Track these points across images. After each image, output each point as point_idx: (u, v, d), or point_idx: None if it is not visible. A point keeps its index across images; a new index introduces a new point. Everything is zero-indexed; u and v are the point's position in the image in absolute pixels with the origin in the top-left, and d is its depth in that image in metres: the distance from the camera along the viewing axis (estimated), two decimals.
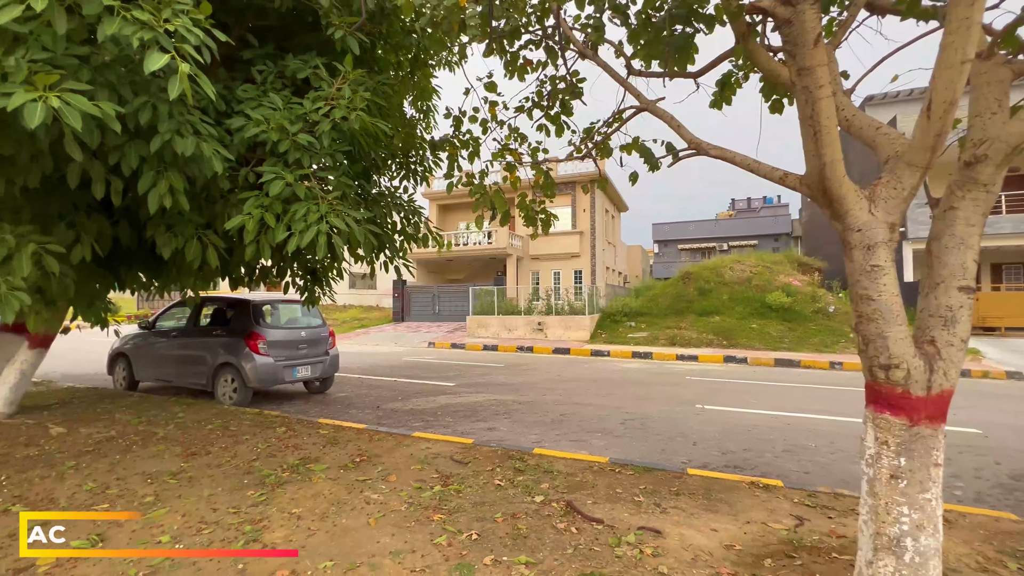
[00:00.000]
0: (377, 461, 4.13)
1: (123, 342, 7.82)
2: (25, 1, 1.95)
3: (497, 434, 5.63)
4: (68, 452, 4.18)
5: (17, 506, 3.11)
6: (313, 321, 7.76)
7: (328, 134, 3.10)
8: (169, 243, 3.17)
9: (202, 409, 5.93)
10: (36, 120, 2.00)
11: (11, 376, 5.12)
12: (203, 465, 3.95)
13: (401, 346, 17.07)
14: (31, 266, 2.57)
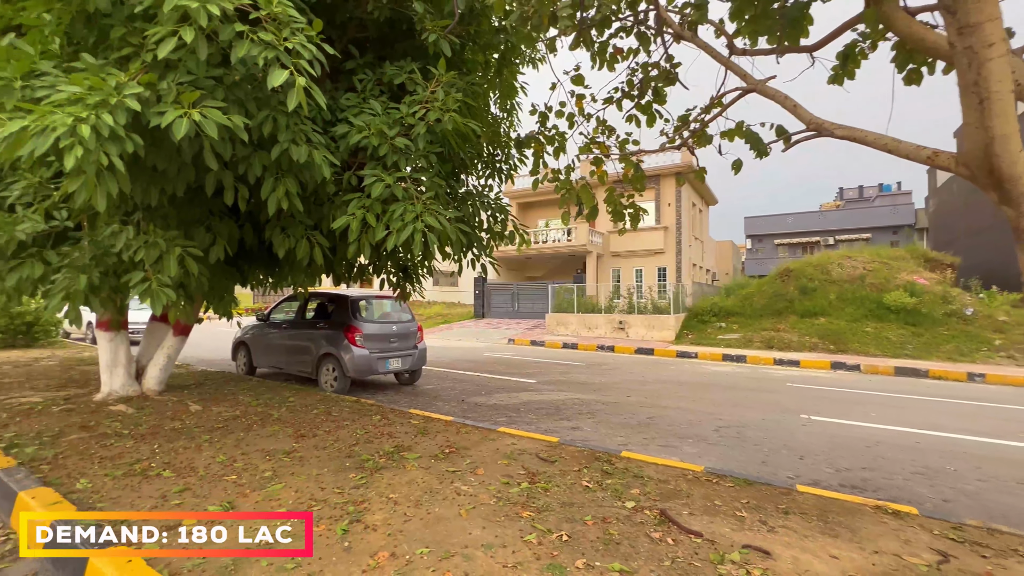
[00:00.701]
0: (465, 453, 4.23)
1: (244, 332, 8.82)
2: (177, 33, 2.22)
3: (581, 434, 5.54)
4: (203, 427, 4.77)
5: (166, 472, 3.60)
6: (403, 316, 8.19)
7: (423, 136, 3.22)
8: (283, 243, 3.49)
9: (308, 395, 6.49)
10: (182, 132, 2.27)
11: (160, 359, 5.98)
12: (311, 447, 4.30)
13: (482, 342, 17.49)
14: (177, 266, 2.94)
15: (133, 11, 2.46)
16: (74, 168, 2.09)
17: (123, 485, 3.35)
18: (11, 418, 4.91)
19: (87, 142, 2.07)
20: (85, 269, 3.30)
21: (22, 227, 3.26)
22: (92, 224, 3.52)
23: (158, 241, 2.93)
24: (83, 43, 2.70)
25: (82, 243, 3.49)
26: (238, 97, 2.75)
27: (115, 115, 2.19)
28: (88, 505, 3.01)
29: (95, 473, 3.53)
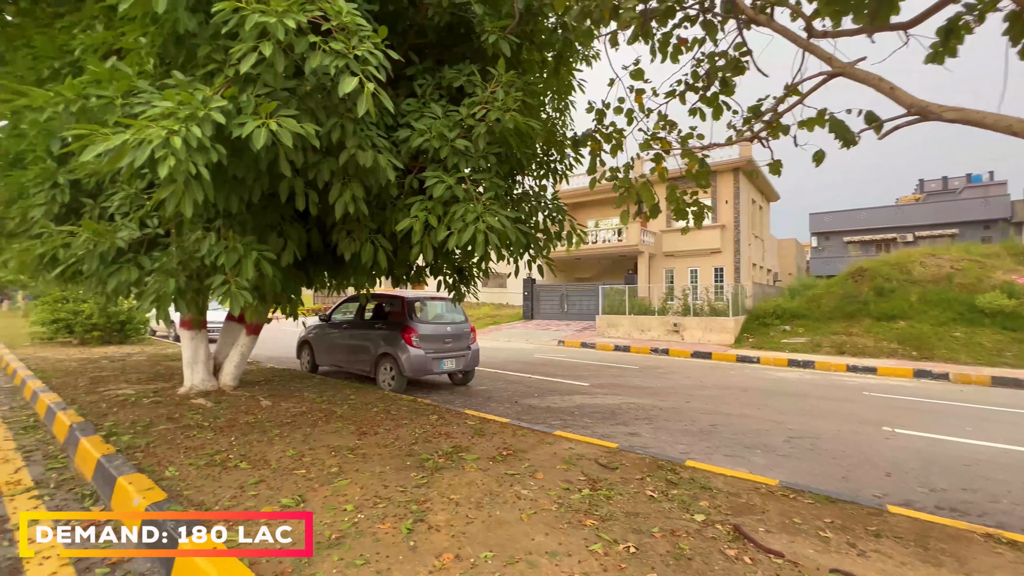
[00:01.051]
0: (523, 456, 4.20)
1: (307, 332, 9.26)
2: (257, 48, 2.34)
3: (640, 440, 5.36)
4: (274, 422, 5.02)
5: (243, 464, 3.81)
6: (457, 317, 8.29)
7: (483, 136, 3.22)
8: (349, 246, 3.61)
9: (368, 393, 6.70)
10: (261, 141, 2.38)
11: (235, 357, 6.37)
12: (373, 444, 4.42)
13: (531, 343, 17.45)
14: (253, 270, 3.10)
15: (218, 30, 2.62)
16: (167, 177, 2.24)
17: (205, 475, 3.57)
18: (109, 408, 5.40)
19: (178, 152, 2.22)
20: (173, 273, 3.58)
21: (121, 235, 3.58)
22: (179, 231, 3.80)
23: (237, 246, 3.11)
24: (173, 62, 2.92)
25: (170, 249, 3.78)
26: (309, 107, 2.86)
27: (202, 127, 2.34)
28: (176, 492, 3.23)
29: (181, 462, 3.79)
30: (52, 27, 4.11)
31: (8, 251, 5.13)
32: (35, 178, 4.28)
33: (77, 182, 4.26)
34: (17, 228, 4.72)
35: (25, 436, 4.83)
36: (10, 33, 4.61)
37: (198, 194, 2.47)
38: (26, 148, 4.57)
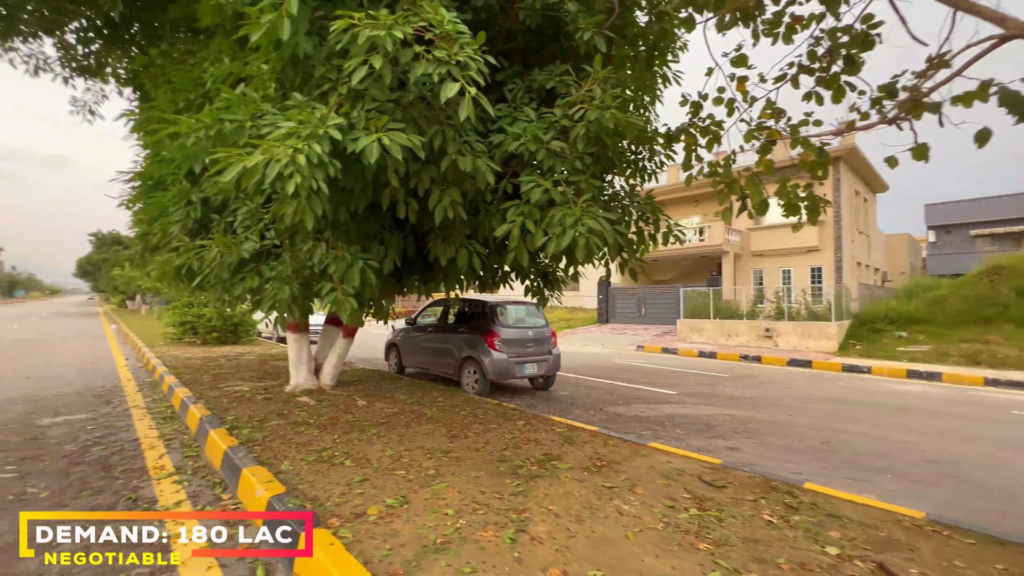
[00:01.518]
0: (618, 468, 4.02)
1: (394, 335, 9.69)
2: (367, 62, 2.43)
3: (742, 456, 4.95)
4: (371, 421, 5.26)
5: (347, 461, 4.00)
6: (538, 321, 8.24)
7: (582, 137, 3.13)
8: (445, 251, 3.67)
9: (454, 396, 6.83)
10: (374, 155, 2.47)
11: (333, 358, 6.80)
12: (464, 448, 4.46)
13: (608, 348, 17.00)
14: (359, 277, 3.23)
15: (331, 51, 2.78)
16: (293, 192, 2.40)
17: (315, 470, 3.79)
18: (230, 403, 5.96)
19: (302, 170, 2.36)
20: (288, 281, 3.87)
21: (245, 246, 3.95)
22: (292, 242, 4.11)
23: (345, 255, 3.29)
24: (291, 85, 3.16)
25: (283, 258, 4.10)
26: (412, 116, 2.95)
27: (321, 144, 2.48)
28: (292, 486, 3.45)
29: (293, 457, 4.06)
30: (186, 64, 4.64)
31: (151, 262, 5.87)
32: (173, 198, 4.84)
33: (207, 200, 4.77)
34: (159, 242, 5.37)
35: (165, 425, 5.46)
36: (153, 73, 5.27)
37: (317, 208, 2.63)
38: (166, 172, 5.21)
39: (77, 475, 3.97)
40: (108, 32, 6.69)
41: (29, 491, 3.64)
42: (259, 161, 2.37)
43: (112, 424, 5.52)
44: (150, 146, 5.74)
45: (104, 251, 44.65)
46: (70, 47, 7.12)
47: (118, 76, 7.69)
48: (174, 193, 4.83)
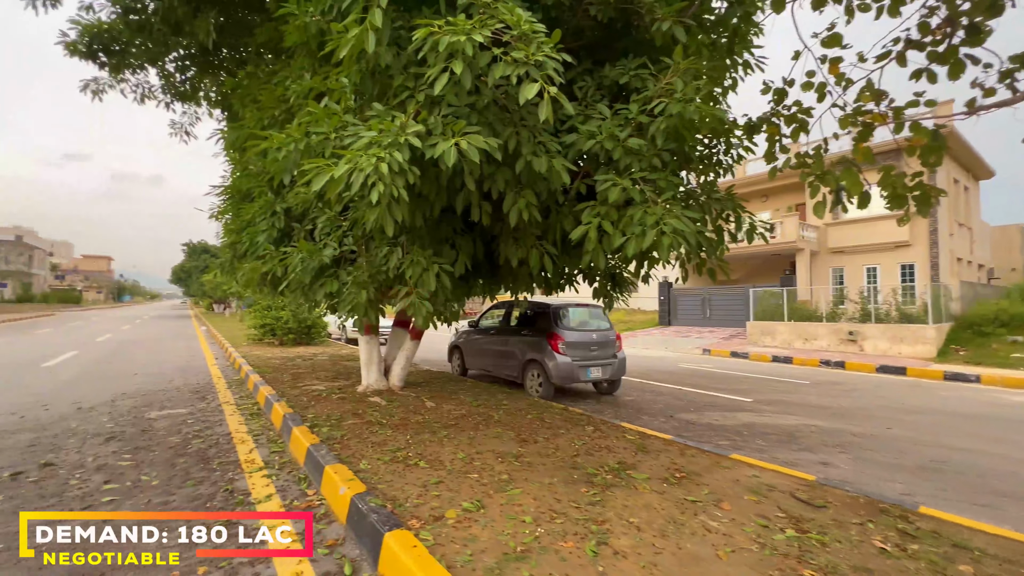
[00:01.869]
0: (698, 480, 3.79)
1: (457, 337, 9.84)
2: (447, 69, 2.44)
3: (838, 472, 4.53)
4: (440, 423, 5.34)
5: (421, 462, 4.07)
6: (602, 324, 8.05)
7: (662, 132, 2.98)
8: (516, 253, 3.64)
9: (518, 399, 6.81)
10: (452, 159, 2.47)
11: (401, 360, 7.00)
12: (535, 453, 4.40)
13: (672, 351, 16.36)
14: (434, 281, 3.27)
15: (409, 60, 2.84)
16: (376, 200, 2.46)
17: (392, 471, 3.88)
18: (308, 402, 6.29)
19: (385, 178, 2.42)
20: (364, 285, 4.01)
21: (325, 252, 4.14)
22: (367, 248, 4.27)
23: (420, 259, 3.35)
24: (369, 95, 3.26)
25: (360, 263, 4.26)
26: (487, 120, 2.95)
27: (401, 152, 2.52)
28: (372, 485, 3.54)
29: (370, 456, 4.19)
30: (270, 83, 4.95)
31: (240, 269, 6.33)
32: (259, 209, 5.18)
33: (289, 210, 5.07)
34: (246, 250, 5.77)
35: (253, 421, 5.85)
36: (241, 93, 5.68)
37: (397, 214, 2.68)
38: (253, 185, 5.60)
39: (181, 466, 4.32)
40: (202, 59, 7.32)
41: (143, 479, 4.00)
42: (345, 171, 2.45)
43: (207, 419, 5.99)
44: (238, 162, 6.19)
45: (195, 259, 49.23)
46: (170, 75, 7.87)
47: (209, 99, 8.40)
48: (260, 204, 5.16)
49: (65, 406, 6.63)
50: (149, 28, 6.40)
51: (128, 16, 6.32)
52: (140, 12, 6.31)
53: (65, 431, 5.37)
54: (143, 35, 6.51)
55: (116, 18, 6.49)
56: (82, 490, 3.76)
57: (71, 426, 5.60)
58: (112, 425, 5.65)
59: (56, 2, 6.28)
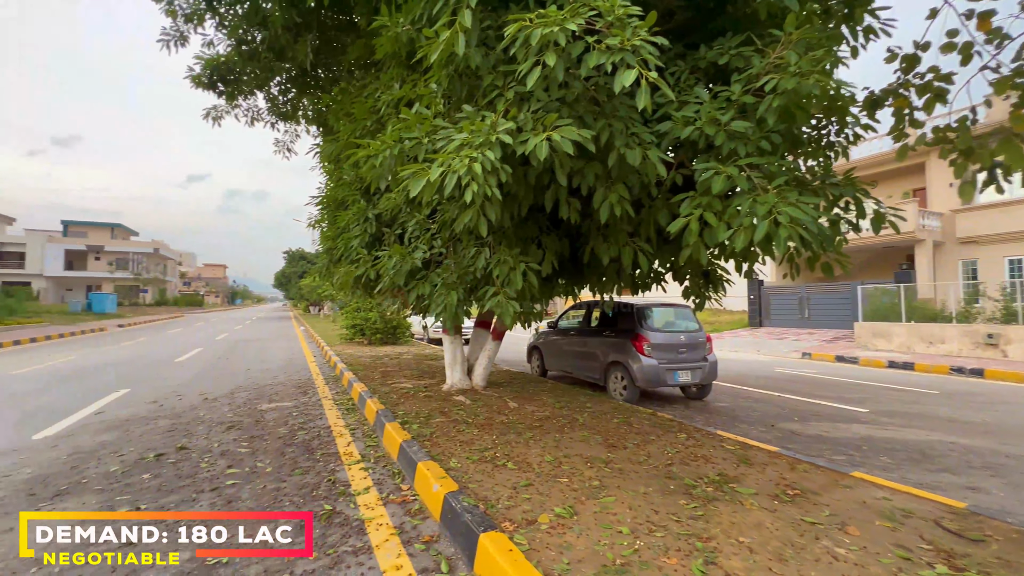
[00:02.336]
0: (816, 500, 3.40)
1: (536, 337, 9.81)
2: (539, 62, 2.38)
3: (990, 499, 3.86)
4: (524, 424, 5.31)
5: (509, 463, 4.05)
6: (690, 325, 7.60)
7: (774, 111, 2.69)
8: (606, 251, 3.49)
9: (602, 402, 6.61)
10: (543, 154, 2.41)
11: (483, 360, 7.09)
12: (625, 459, 4.21)
13: (765, 354, 15.11)
14: (522, 281, 3.22)
15: (498, 58, 2.83)
16: (470, 200, 2.46)
17: (481, 470, 3.90)
18: (398, 399, 6.57)
19: (478, 177, 2.41)
20: (454, 287, 4.09)
21: (416, 255, 4.29)
22: (455, 249, 4.35)
23: (507, 259, 3.32)
24: (457, 99, 3.31)
25: (448, 264, 4.35)
26: (578, 113, 2.85)
27: (493, 151, 2.50)
28: (463, 484, 3.57)
29: (459, 455, 4.25)
30: (361, 96, 5.24)
31: (336, 273, 6.77)
32: (353, 216, 5.49)
33: (380, 216, 5.32)
34: (341, 255, 6.15)
35: (349, 416, 6.22)
36: (335, 109, 6.08)
37: (491, 213, 2.68)
38: (347, 194, 5.96)
39: (290, 455, 4.67)
40: (301, 81, 7.98)
41: (259, 465, 4.38)
42: (439, 174, 2.48)
43: (309, 412, 6.47)
44: (333, 173, 6.64)
45: (293, 265, 54.16)
46: (274, 98, 8.66)
47: (307, 117, 9.14)
48: (354, 211, 5.48)
49: (194, 397, 7.51)
50: (257, 56, 7.07)
51: (241, 47, 7.04)
52: (250, 43, 7.00)
53: (195, 419, 6.07)
54: (253, 63, 7.21)
55: (231, 50, 7.26)
56: (210, 472, 4.19)
57: (199, 414, 6.32)
58: (232, 415, 6.29)
59: (184, 41, 7.16)
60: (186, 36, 7.15)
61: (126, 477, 4.10)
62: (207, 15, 6.95)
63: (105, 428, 5.68)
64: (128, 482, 4.00)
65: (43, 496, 3.73)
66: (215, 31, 7.32)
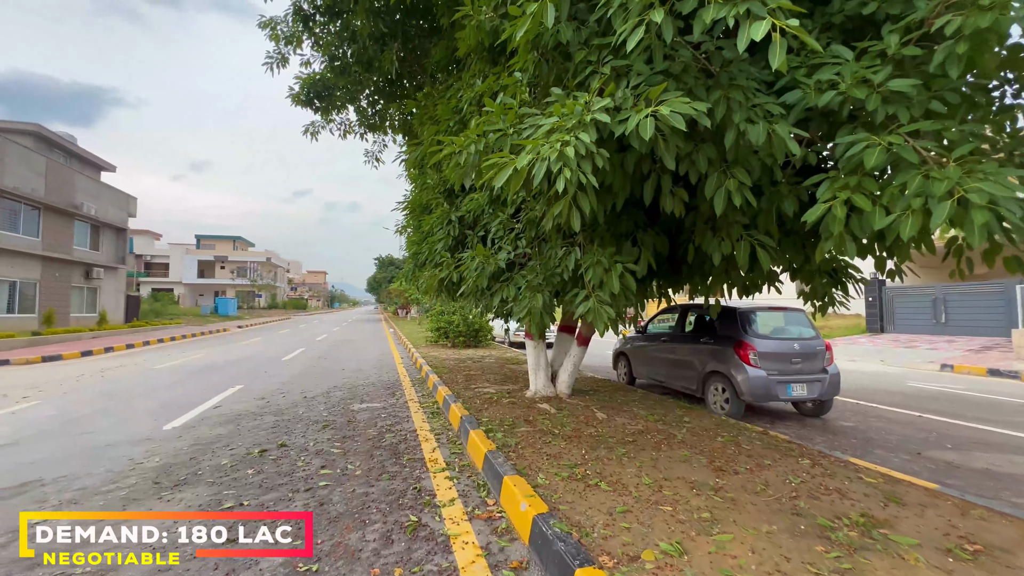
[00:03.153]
0: (1009, 562, 2.63)
1: (623, 343, 9.26)
2: (643, 21, 2.03)
3: None
4: (615, 438, 4.90)
5: (602, 483, 3.68)
6: (805, 332, 6.67)
7: (957, 60, 2.08)
8: (718, 248, 3.02)
9: (701, 416, 5.96)
10: (648, 132, 2.05)
11: (568, 366, 6.75)
12: (737, 487, 3.66)
13: (892, 365, 13.09)
14: (618, 283, 2.85)
15: (591, 32, 2.54)
16: (562, 189, 2.17)
17: (571, 489, 3.57)
18: (482, 405, 6.44)
19: (571, 163, 2.12)
20: (539, 289, 3.84)
21: (500, 256, 4.10)
22: (540, 250, 4.10)
23: (601, 259, 2.99)
24: (545, 83, 3.05)
25: (533, 266, 4.11)
26: (687, 85, 2.45)
27: (587, 132, 2.20)
28: (553, 505, 3.28)
29: (547, 470, 3.96)
30: (444, 98, 5.19)
31: (421, 276, 6.84)
32: (437, 219, 5.46)
33: (462, 218, 5.23)
34: (426, 259, 6.16)
35: (434, 420, 6.21)
36: (419, 114, 6.13)
37: (585, 204, 2.37)
38: (431, 198, 5.97)
39: (378, 458, 4.69)
40: (387, 91, 8.26)
41: (349, 467, 4.43)
42: (527, 161, 2.23)
43: (396, 414, 6.56)
44: (417, 178, 6.71)
45: (383, 271, 57.71)
46: (363, 110, 9.07)
47: (394, 127, 9.47)
48: (438, 215, 5.44)
49: (295, 395, 8.01)
50: (347, 71, 7.41)
51: (333, 63, 7.42)
52: (341, 58, 7.35)
53: (295, 417, 6.41)
54: (344, 78, 7.57)
55: (325, 67, 7.68)
56: (305, 472, 4.31)
57: (299, 412, 6.67)
58: (327, 414, 6.56)
59: (285, 63, 7.71)
60: (286, 58, 7.69)
61: (233, 471, 4.34)
62: (304, 36, 7.41)
63: (221, 422, 6.18)
64: (235, 476, 4.22)
65: (165, 485, 4.03)
66: (311, 51, 7.80)
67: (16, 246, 17.86)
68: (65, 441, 5.38)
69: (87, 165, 25.11)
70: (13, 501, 3.77)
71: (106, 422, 6.21)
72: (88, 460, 4.71)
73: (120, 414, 6.65)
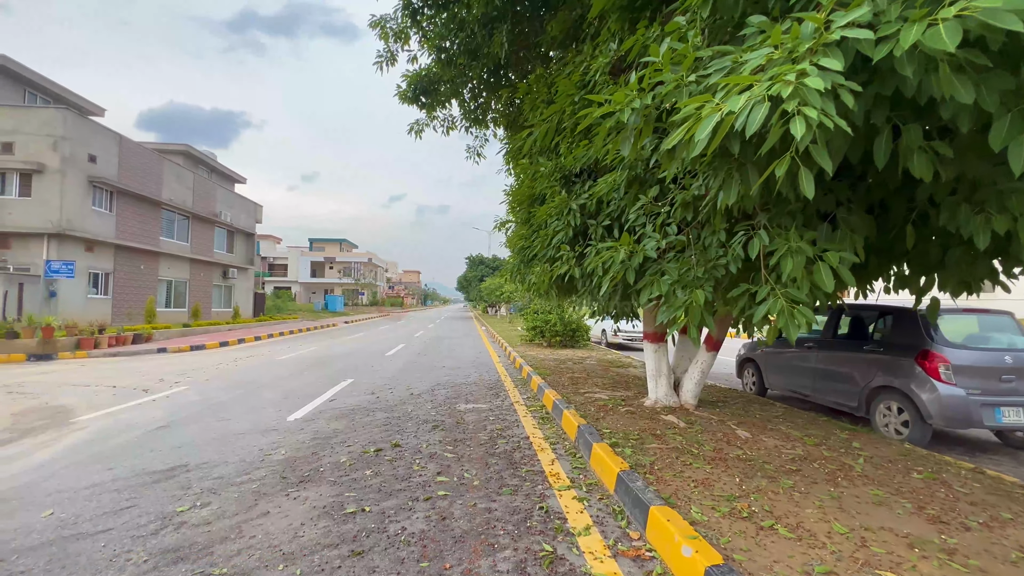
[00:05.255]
0: None
1: (749, 348, 8.13)
2: None
3: None
4: (772, 464, 4.07)
5: (778, 526, 2.95)
6: (1017, 341, 5.21)
7: None
8: (979, 226, 2.15)
9: (875, 443, 4.85)
10: (951, 43, 1.34)
11: (695, 373, 5.93)
12: (979, 551, 2.72)
13: None
14: (831, 279, 2.13)
15: None
16: (800, 135, 1.55)
17: (739, 532, 2.89)
18: (597, 412, 5.87)
19: (814, 98, 1.50)
20: (699, 284, 3.20)
21: (648, 245, 3.52)
22: (698, 236, 3.45)
23: (800, 245, 2.28)
24: (730, 17, 2.42)
25: (687, 256, 3.47)
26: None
27: (833, 56, 1.56)
28: (725, 552, 2.63)
29: (699, 501, 3.30)
30: (564, 73, 4.71)
31: (530, 273, 6.44)
32: (554, 209, 4.99)
33: (583, 206, 4.71)
34: (536, 254, 5.72)
35: (545, 426, 5.77)
36: (531, 98, 5.71)
37: (825, 160, 1.71)
38: (545, 187, 5.52)
39: (494, 467, 4.34)
40: (492, 82, 8.00)
41: (466, 476, 4.12)
42: (744, 101, 1.63)
43: (505, 417, 6.23)
44: (526, 168, 6.31)
45: (474, 269, 59.26)
46: (466, 104, 8.93)
47: (496, 120, 9.23)
48: (555, 204, 4.97)
49: (402, 390, 8.06)
50: (453, 62, 7.24)
51: (440, 55, 7.30)
52: (447, 50, 7.21)
53: (404, 415, 6.34)
54: (449, 70, 7.42)
55: (432, 61, 7.61)
56: (422, 478, 4.07)
57: (408, 410, 6.61)
58: (435, 413, 6.42)
59: (394, 60, 7.77)
60: (395, 55, 7.74)
61: (352, 471, 4.23)
62: (412, 31, 7.38)
63: (336, 416, 6.28)
64: (354, 476, 4.10)
65: (291, 481, 4.01)
66: (417, 45, 7.77)
67: (172, 250, 20.72)
68: (206, 426, 5.75)
69: (224, 178, 28.57)
70: (164, 485, 3.95)
71: (239, 409, 6.62)
72: (224, 448, 4.93)
73: (250, 403, 7.08)
